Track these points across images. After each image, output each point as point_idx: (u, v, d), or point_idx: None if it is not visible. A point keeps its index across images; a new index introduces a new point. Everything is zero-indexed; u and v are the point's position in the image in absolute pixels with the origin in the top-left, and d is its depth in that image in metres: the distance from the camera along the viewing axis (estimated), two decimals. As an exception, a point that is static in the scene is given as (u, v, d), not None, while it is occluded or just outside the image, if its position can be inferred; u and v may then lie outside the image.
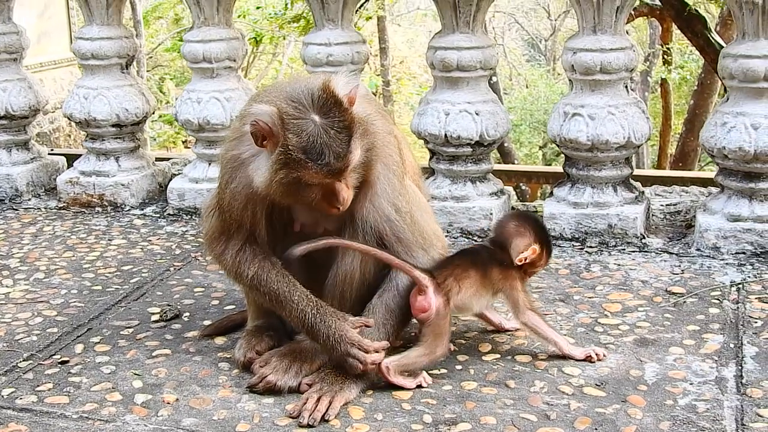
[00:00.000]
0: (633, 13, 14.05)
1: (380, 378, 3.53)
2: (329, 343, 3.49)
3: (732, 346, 3.85)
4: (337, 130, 3.25)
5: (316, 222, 3.64)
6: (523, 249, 3.73)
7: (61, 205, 6.20)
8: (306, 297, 3.53)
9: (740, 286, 4.49)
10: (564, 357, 3.71)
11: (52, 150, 8.58)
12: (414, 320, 3.66)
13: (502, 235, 3.79)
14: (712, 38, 13.01)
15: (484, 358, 3.77)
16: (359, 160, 3.35)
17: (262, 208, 3.54)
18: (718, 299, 4.33)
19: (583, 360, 3.71)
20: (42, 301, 4.53)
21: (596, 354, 3.72)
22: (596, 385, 3.53)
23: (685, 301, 4.32)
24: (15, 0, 6.44)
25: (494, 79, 18.59)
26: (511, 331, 3.96)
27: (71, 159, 6.74)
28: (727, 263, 4.78)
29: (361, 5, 14.12)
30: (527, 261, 3.74)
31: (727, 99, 4.98)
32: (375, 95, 20.64)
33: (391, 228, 3.57)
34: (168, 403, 3.47)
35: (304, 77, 3.53)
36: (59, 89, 14.46)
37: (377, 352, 3.47)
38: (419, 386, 3.52)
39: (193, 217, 5.84)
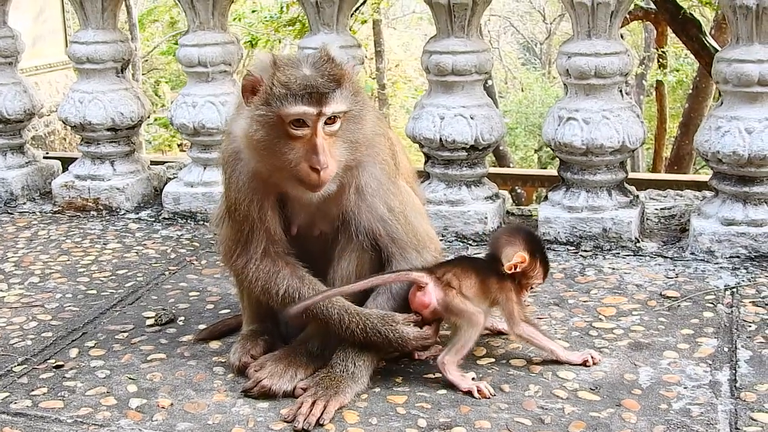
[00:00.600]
0: (628, 16, 14.09)
1: (375, 383, 3.55)
2: (391, 347, 3.55)
3: (726, 350, 3.86)
4: (327, 78, 3.31)
5: (312, 225, 3.65)
6: (511, 256, 3.73)
7: (56, 209, 6.19)
8: (347, 312, 3.51)
9: (734, 290, 4.50)
10: (560, 362, 3.72)
11: (47, 153, 8.58)
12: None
13: (495, 247, 3.82)
14: (707, 42, 13.04)
15: (478, 362, 3.77)
16: (344, 109, 3.35)
17: (267, 199, 3.53)
18: (712, 303, 4.34)
19: (581, 364, 3.72)
20: (37, 305, 4.53)
21: (592, 357, 3.73)
22: (590, 389, 3.53)
23: (679, 305, 4.33)
24: (10, 4, 6.45)
25: (489, 82, 18.62)
26: (507, 333, 3.96)
27: (66, 162, 6.74)
28: (721, 267, 4.79)
29: (357, 9, 14.13)
30: (517, 270, 3.73)
31: (722, 103, 4.99)
32: (370, 98, 20.62)
33: (385, 228, 3.59)
34: (163, 407, 3.47)
35: None
36: (54, 92, 14.46)
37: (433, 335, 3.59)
38: (469, 393, 3.50)
39: (188, 221, 5.84)
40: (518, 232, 3.88)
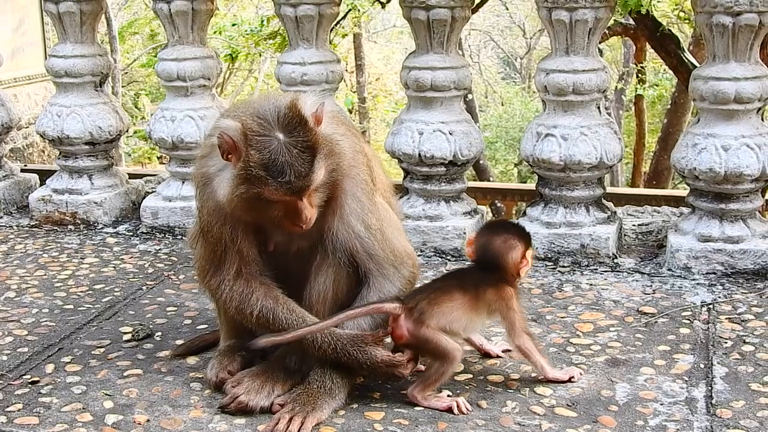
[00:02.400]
0: (607, 32, 14.18)
1: (353, 399, 3.55)
2: (362, 369, 3.54)
3: (702, 366, 3.88)
4: (301, 149, 3.25)
5: (290, 241, 3.64)
6: (521, 260, 3.68)
7: (34, 223, 6.16)
8: (320, 333, 3.50)
9: (711, 306, 4.53)
10: (547, 380, 3.71)
11: (25, 166, 8.53)
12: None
13: (493, 254, 3.68)
14: (686, 58, 13.14)
15: (456, 378, 3.76)
16: (322, 180, 3.35)
17: (239, 224, 3.53)
18: (688, 319, 4.36)
19: (567, 381, 3.71)
20: (13, 321, 4.50)
21: (575, 374, 3.75)
22: (567, 405, 3.54)
23: (656, 321, 4.35)
24: (-12, 17, 6.43)
25: (470, 96, 18.68)
26: (495, 355, 3.94)
27: (45, 174, 6.70)
28: (697, 283, 4.82)
29: (337, 23, 14.15)
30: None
31: (698, 120, 5.03)
32: (351, 112, 20.67)
33: (362, 245, 3.59)
34: (139, 423, 3.45)
35: (275, 95, 3.53)
36: (33, 104, 14.38)
37: (406, 361, 3.53)
38: (449, 410, 3.49)
39: (167, 236, 5.82)
40: (508, 230, 3.78)
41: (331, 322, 3.49)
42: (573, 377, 3.73)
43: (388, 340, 3.58)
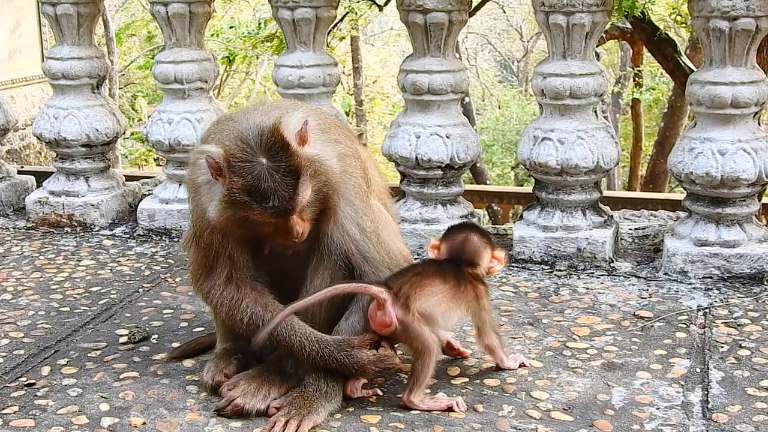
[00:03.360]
0: (604, 35, 14.20)
1: (349, 402, 3.56)
2: (352, 374, 3.54)
3: (698, 370, 3.88)
4: (284, 174, 3.25)
5: (285, 244, 3.63)
6: (490, 260, 3.76)
7: (30, 225, 6.15)
8: (307, 339, 3.50)
9: (707, 310, 4.53)
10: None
11: (22, 167, 8.53)
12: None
13: (471, 251, 3.75)
14: (682, 62, 13.17)
15: (452, 381, 3.77)
16: (308, 200, 3.36)
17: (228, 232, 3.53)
18: (685, 324, 4.37)
19: (517, 367, 3.85)
20: (9, 323, 4.49)
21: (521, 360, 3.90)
22: (564, 409, 3.54)
23: (652, 326, 4.35)
24: (-15, 19, 6.43)
25: (467, 99, 18.68)
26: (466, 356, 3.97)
27: (41, 176, 6.69)
28: (694, 288, 4.82)
29: (334, 26, 14.15)
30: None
31: (695, 125, 5.04)
32: (348, 115, 20.68)
33: (357, 247, 3.59)
34: (135, 426, 3.45)
35: (262, 109, 3.52)
36: (30, 106, 14.37)
37: (393, 354, 3.55)
38: (450, 409, 3.51)
39: (163, 238, 5.82)
40: (479, 231, 3.85)
41: (319, 296, 3.49)
42: (523, 363, 3.88)
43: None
